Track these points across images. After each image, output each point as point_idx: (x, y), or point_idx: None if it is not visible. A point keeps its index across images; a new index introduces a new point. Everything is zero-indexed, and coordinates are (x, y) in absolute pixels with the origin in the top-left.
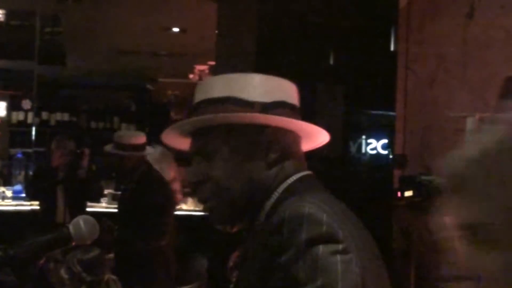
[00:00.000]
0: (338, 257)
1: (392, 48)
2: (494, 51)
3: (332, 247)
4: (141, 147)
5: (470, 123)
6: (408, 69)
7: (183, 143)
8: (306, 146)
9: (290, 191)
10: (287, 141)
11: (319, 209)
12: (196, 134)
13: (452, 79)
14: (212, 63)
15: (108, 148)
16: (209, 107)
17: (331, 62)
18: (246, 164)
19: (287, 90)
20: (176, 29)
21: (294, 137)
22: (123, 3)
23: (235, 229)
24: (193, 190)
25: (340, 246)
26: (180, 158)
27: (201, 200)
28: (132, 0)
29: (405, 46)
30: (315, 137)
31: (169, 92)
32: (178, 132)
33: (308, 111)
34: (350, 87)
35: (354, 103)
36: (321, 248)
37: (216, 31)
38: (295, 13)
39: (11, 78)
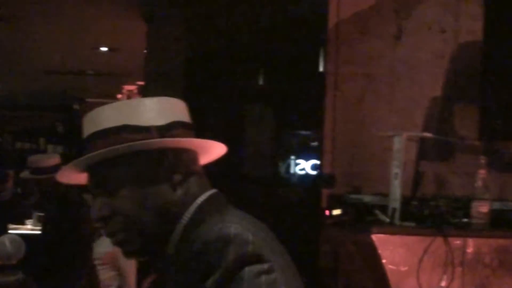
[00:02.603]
0: (263, 277)
1: (321, 69)
2: (422, 72)
3: (257, 267)
4: (57, 168)
5: (397, 142)
6: (336, 90)
7: (83, 178)
8: (203, 160)
9: (204, 212)
10: (187, 161)
11: (244, 229)
12: (93, 168)
13: (381, 99)
14: (141, 83)
15: (24, 174)
16: (103, 138)
17: (261, 83)
18: (151, 191)
19: (179, 110)
20: (104, 49)
21: (193, 155)
22: (50, 22)
23: (146, 258)
24: (100, 226)
25: (266, 266)
26: None
27: (110, 235)
28: (59, 19)
29: (334, 66)
30: (213, 151)
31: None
32: (76, 169)
33: (237, 132)
34: (279, 108)
35: (283, 124)
36: (246, 270)
37: (145, 51)
38: (223, 34)
39: None
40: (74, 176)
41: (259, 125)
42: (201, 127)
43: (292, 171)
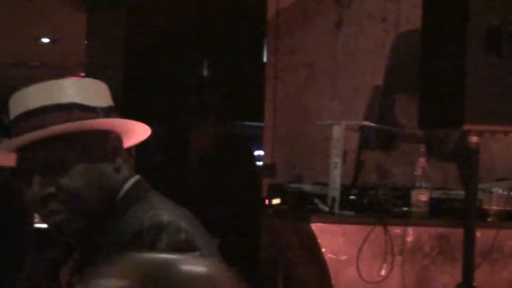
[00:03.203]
0: None
1: (265, 59)
2: (363, 61)
3: (189, 255)
4: None
5: (336, 131)
6: (277, 79)
7: (10, 159)
8: (126, 143)
9: (131, 197)
10: (120, 144)
11: (176, 217)
12: (37, 146)
13: (322, 89)
14: (82, 74)
15: None
16: (51, 114)
17: (205, 73)
18: (99, 170)
19: (107, 93)
20: (46, 40)
21: (121, 139)
22: None
23: (77, 241)
24: (41, 205)
25: (197, 253)
26: None
27: (50, 214)
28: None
29: (274, 55)
30: (138, 134)
31: None
32: (8, 148)
33: (181, 123)
34: (222, 99)
35: (226, 114)
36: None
37: (86, 42)
38: (164, 24)
39: None
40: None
41: (204, 116)
42: (143, 118)
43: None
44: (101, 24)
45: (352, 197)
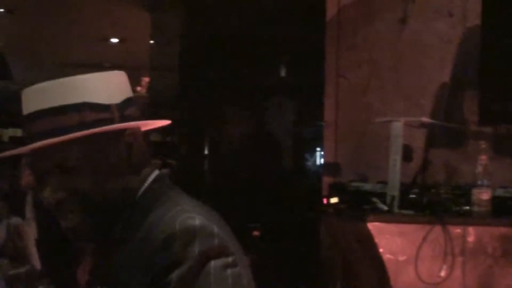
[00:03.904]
0: (229, 271)
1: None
2: (428, 57)
3: (223, 261)
4: None
5: (395, 128)
6: (339, 76)
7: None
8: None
9: (155, 195)
10: (136, 139)
11: (209, 221)
12: (44, 150)
13: (386, 85)
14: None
15: None
16: (64, 115)
17: (282, 75)
18: (111, 172)
19: (126, 83)
20: (115, 40)
21: (137, 133)
22: (59, 12)
23: (91, 241)
24: (55, 209)
25: (230, 259)
26: None
27: (64, 218)
28: (66, 10)
29: (336, 53)
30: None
31: None
32: (22, 151)
33: (257, 125)
34: (300, 100)
35: (304, 115)
36: (212, 263)
37: (151, 41)
38: (226, 24)
39: None
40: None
41: (280, 117)
42: (219, 121)
43: (318, 162)
44: (164, 24)
45: (412, 196)
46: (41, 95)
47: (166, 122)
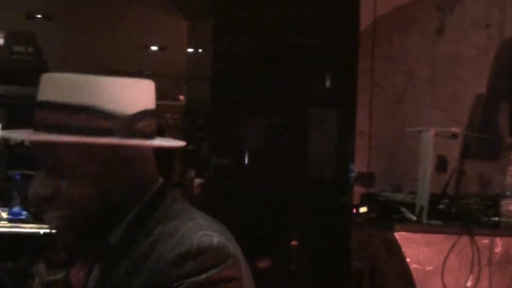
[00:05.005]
0: None
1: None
2: (464, 68)
3: (232, 285)
4: None
5: (425, 138)
6: (375, 86)
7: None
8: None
9: (158, 207)
10: (137, 152)
11: (225, 239)
12: (48, 145)
13: (422, 96)
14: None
15: None
16: (68, 113)
17: (327, 85)
18: (103, 180)
19: (149, 94)
20: (154, 48)
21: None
22: (102, 18)
23: (83, 245)
24: (37, 205)
25: (237, 284)
26: None
27: (50, 217)
28: (107, 16)
29: (371, 62)
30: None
31: (167, 114)
32: (22, 137)
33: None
34: (344, 110)
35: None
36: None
37: (190, 50)
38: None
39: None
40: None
41: (323, 128)
42: (264, 130)
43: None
44: (200, 32)
45: (441, 206)
46: (52, 86)
47: (179, 144)
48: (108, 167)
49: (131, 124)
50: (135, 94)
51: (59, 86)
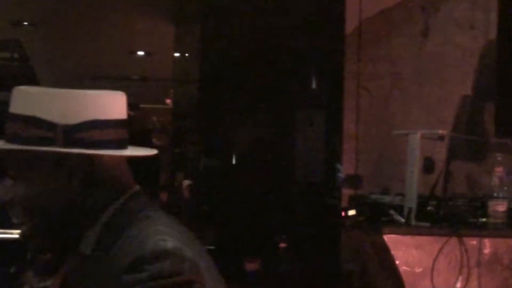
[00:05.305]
0: None
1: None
2: (450, 69)
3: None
4: None
5: (412, 140)
6: (361, 88)
7: None
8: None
9: (128, 212)
10: (103, 162)
11: (181, 243)
12: (5, 151)
13: (408, 98)
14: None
15: None
16: (15, 123)
17: (314, 88)
18: (59, 186)
19: (102, 104)
20: (141, 53)
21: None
22: (88, 24)
23: (56, 254)
24: (6, 208)
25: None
26: None
27: (15, 222)
28: (92, 23)
29: (356, 65)
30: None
31: (154, 118)
32: None
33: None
34: (330, 112)
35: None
36: None
37: (177, 54)
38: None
39: None
40: None
41: (309, 129)
42: (252, 133)
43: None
44: (187, 37)
45: (429, 208)
46: (15, 99)
47: (146, 153)
48: (60, 175)
49: (70, 133)
50: (82, 105)
51: (20, 99)
